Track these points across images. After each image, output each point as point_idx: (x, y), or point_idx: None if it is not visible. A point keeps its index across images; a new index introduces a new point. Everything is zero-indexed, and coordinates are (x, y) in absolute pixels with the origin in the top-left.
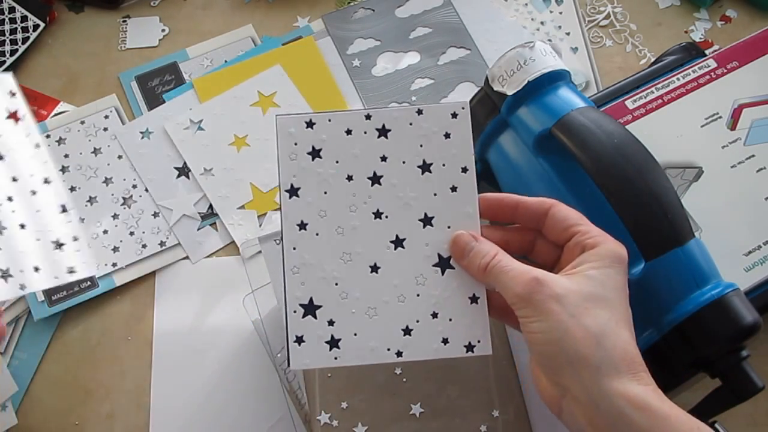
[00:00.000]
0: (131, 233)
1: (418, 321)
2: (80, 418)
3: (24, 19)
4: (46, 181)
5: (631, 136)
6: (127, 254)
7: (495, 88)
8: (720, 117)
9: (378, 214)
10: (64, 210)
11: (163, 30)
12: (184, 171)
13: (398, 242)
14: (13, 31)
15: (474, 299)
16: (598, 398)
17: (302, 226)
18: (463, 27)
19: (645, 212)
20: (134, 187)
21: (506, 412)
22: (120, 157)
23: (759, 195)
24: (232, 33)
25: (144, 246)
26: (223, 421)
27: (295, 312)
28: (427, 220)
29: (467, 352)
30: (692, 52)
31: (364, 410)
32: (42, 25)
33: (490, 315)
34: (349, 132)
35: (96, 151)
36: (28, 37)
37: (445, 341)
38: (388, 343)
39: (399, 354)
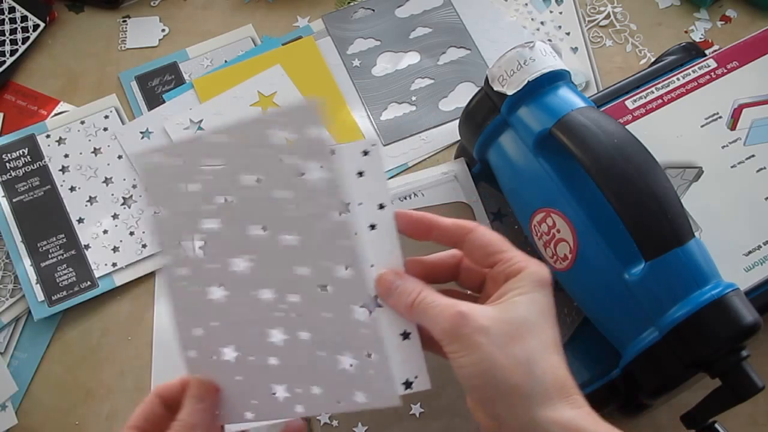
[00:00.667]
0: (131, 233)
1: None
2: (80, 418)
3: (24, 19)
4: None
5: (631, 136)
6: (127, 254)
7: (495, 88)
8: (720, 117)
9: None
10: (406, 336)
11: (163, 30)
12: None
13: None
14: (13, 31)
15: (406, 335)
16: (531, 427)
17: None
18: (463, 27)
19: (645, 212)
20: (134, 187)
21: None
22: (120, 157)
23: (759, 195)
24: (232, 33)
25: (144, 246)
26: None
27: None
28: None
29: (406, 389)
30: (692, 52)
31: (364, 410)
32: (42, 25)
33: (423, 348)
34: None
35: (96, 151)
36: (28, 37)
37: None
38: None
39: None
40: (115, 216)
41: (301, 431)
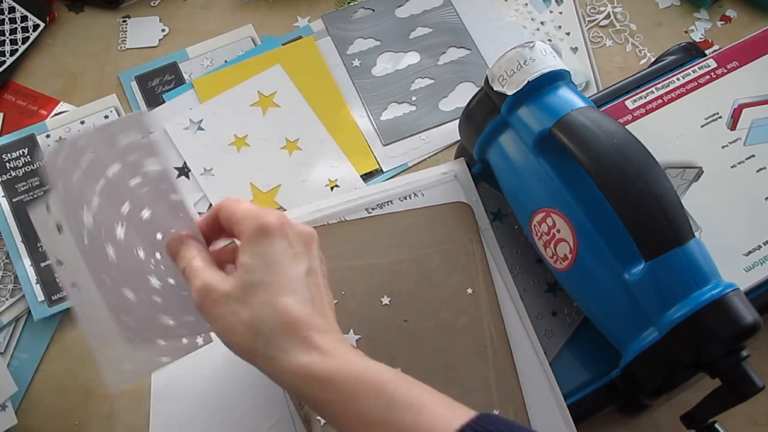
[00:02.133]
0: None
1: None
2: (80, 418)
3: (24, 19)
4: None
5: (631, 136)
6: None
7: (495, 88)
8: (720, 117)
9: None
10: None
11: (163, 30)
12: (184, 171)
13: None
14: (13, 31)
15: None
16: (280, 382)
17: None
18: (463, 27)
19: (645, 212)
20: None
21: (506, 412)
22: None
23: (759, 195)
24: (232, 33)
25: None
26: (223, 420)
27: None
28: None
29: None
30: (692, 52)
31: None
32: (42, 25)
33: None
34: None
35: None
36: (28, 37)
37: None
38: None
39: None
40: None
41: None
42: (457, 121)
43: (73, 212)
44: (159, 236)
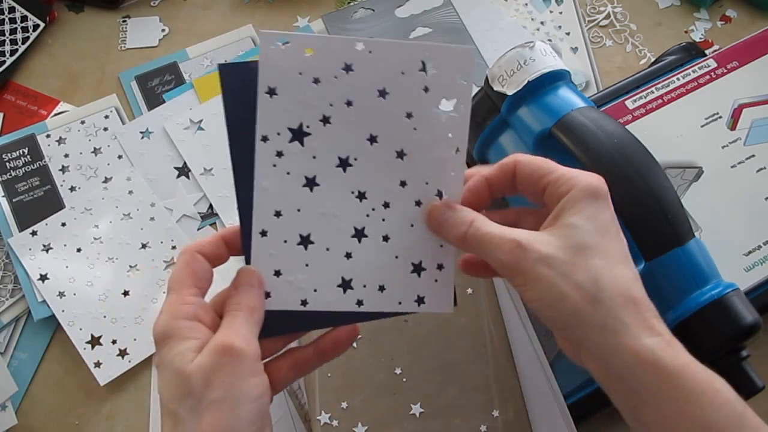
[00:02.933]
0: None
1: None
2: (80, 418)
3: (24, 19)
4: (439, 195)
5: (631, 136)
6: None
7: (495, 88)
8: (720, 117)
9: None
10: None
11: (163, 30)
12: (184, 171)
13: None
14: (13, 31)
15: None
16: (607, 355)
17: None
18: (463, 27)
19: (645, 212)
20: (131, 192)
21: (506, 412)
22: (120, 157)
23: (759, 195)
24: (232, 33)
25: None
26: None
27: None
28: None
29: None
30: (692, 52)
31: (364, 410)
32: (42, 25)
33: (480, 274)
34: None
35: (96, 151)
36: (28, 37)
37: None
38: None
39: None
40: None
41: (352, 334)
42: None
43: (275, 123)
44: (405, 185)
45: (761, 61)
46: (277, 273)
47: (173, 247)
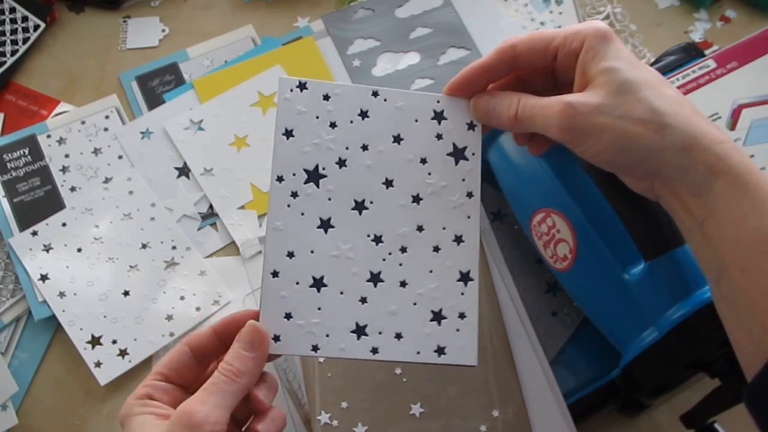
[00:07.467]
0: None
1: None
2: (80, 418)
3: (24, 19)
4: (458, 240)
5: None
6: None
7: None
8: (720, 117)
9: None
10: (466, 279)
11: (164, 30)
12: (184, 171)
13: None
14: (13, 32)
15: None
16: (683, 173)
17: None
18: (463, 27)
19: (645, 212)
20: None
21: (506, 412)
22: (120, 157)
23: None
24: (232, 33)
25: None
26: None
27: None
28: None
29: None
30: (692, 52)
31: (364, 410)
32: (42, 25)
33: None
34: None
35: (96, 151)
36: (29, 38)
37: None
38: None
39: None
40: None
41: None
42: None
43: (290, 164)
44: (422, 230)
45: (761, 61)
46: (288, 316)
47: (173, 247)
